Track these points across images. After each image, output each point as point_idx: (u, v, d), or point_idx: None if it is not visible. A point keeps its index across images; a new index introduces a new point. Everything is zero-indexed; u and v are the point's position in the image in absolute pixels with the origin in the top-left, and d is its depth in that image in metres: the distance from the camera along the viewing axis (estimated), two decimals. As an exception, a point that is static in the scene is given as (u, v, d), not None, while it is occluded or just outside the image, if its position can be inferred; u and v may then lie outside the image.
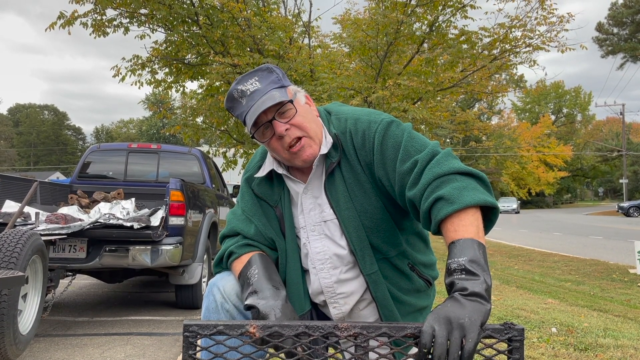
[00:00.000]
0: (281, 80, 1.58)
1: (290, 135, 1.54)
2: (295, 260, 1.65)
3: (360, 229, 1.58)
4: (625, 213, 33.96)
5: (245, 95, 1.55)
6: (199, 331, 1.16)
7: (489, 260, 1.25)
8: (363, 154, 1.57)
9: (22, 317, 3.59)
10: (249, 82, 1.57)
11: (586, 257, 11.17)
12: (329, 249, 1.63)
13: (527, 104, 71.25)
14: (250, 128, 1.55)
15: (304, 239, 1.65)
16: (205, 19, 9.62)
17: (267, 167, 1.67)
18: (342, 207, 1.58)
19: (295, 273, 1.65)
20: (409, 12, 9.50)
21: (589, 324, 4.58)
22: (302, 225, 1.65)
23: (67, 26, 9.27)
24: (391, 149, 1.52)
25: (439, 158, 1.41)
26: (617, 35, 49.09)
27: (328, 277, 1.63)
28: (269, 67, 1.60)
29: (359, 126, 1.59)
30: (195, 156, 6.71)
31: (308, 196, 1.64)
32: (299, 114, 1.55)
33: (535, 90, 67.63)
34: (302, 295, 1.64)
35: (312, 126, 1.58)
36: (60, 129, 78.66)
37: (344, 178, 1.59)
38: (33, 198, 5.20)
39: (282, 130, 1.52)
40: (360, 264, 1.59)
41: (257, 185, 1.70)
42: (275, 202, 1.68)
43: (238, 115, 1.59)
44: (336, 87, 9.33)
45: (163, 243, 4.66)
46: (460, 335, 1.07)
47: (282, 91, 1.55)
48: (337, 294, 1.64)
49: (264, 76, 1.57)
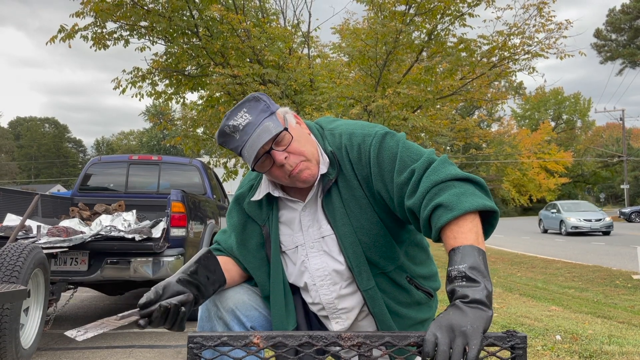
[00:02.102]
0: (269, 107, 1.57)
1: (291, 162, 1.54)
2: (279, 279, 1.65)
3: (357, 244, 1.58)
4: (627, 218, 33.91)
5: (238, 130, 1.54)
6: (204, 342, 1.17)
7: (491, 267, 1.26)
8: (359, 168, 1.57)
9: (24, 331, 3.58)
10: (238, 115, 1.55)
11: (589, 264, 11.15)
12: (327, 265, 1.63)
13: (527, 111, 71.32)
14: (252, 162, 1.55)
15: (303, 256, 1.65)
16: (205, 31, 9.68)
17: (263, 191, 1.67)
18: (339, 223, 1.59)
19: (278, 293, 1.64)
20: (407, 21, 9.55)
21: (593, 331, 4.56)
22: (300, 242, 1.66)
23: (67, 39, 9.34)
24: (387, 160, 1.52)
25: (436, 165, 1.42)
26: (615, 41, 49.25)
27: (329, 294, 1.64)
28: (255, 96, 1.59)
29: (354, 140, 1.59)
30: (196, 167, 6.72)
31: (306, 213, 1.65)
32: (294, 140, 1.55)
33: (534, 97, 67.75)
34: (285, 314, 1.63)
35: (308, 148, 1.58)
36: (61, 141, 78.79)
37: (340, 195, 1.59)
38: (34, 211, 5.20)
39: (281, 159, 1.52)
40: (357, 279, 1.59)
41: (248, 204, 1.71)
42: (263, 221, 1.69)
43: (233, 149, 1.58)
44: (336, 96, 9.36)
45: (165, 255, 4.65)
46: (462, 342, 1.07)
47: (273, 119, 1.54)
48: (338, 309, 1.65)
49: (252, 106, 1.56)
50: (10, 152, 73.13)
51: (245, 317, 1.61)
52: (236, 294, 1.64)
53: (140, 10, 9.31)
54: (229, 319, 1.59)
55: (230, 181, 12.04)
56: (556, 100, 70.24)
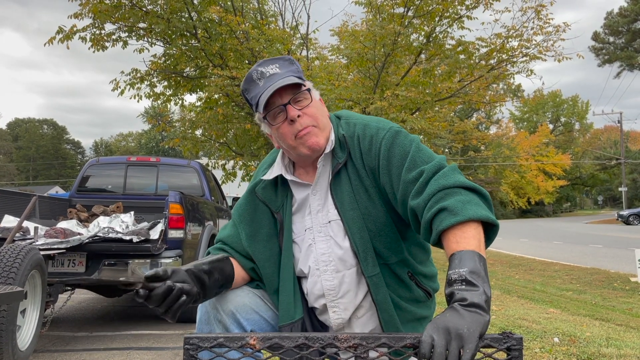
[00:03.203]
0: (301, 73, 1.63)
1: (302, 122, 1.57)
2: (289, 268, 1.66)
3: (364, 230, 1.59)
4: (625, 221, 33.95)
5: (264, 77, 1.58)
6: (200, 344, 1.16)
7: (489, 269, 1.26)
8: (368, 159, 1.59)
9: (20, 333, 3.57)
10: (269, 66, 1.61)
11: (587, 266, 11.15)
12: (332, 251, 1.63)
13: (525, 113, 71.49)
14: (263, 109, 1.57)
15: (310, 240, 1.66)
16: (203, 33, 9.69)
17: (276, 171, 1.69)
18: (347, 207, 1.60)
19: (287, 281, 1.65)
20: (406, 23, 9.57)
21: (591, 333, 4.56)
22: (308, 226, 1.67)
23: (65, 41, 9.34)
24: (398, 156, 1.54)
25: (445, 171, 1.43)
26: (613, 44, 49.42)
27: (330, 280, 1.63)
28: (291, 58, 1.65)
29: (367, 131, 1.62)
30: (195, 169, 6.72)
31: (316, 197, 1.66)
32: (312, 105, 1.60)
33: (532, 100, 67.95)
34: (293, 303, 1.63)
35: (323, 119, 1.62)
36: (59, 143, 78.76)
37: (349, 179, 1.61)
38: (32, 212, 5.19)
39: (294, 114, 1.56)
40: (363, 265, 1.59)
41: (262, 189, 1.72)
42: (277, 207, 1.70)
43: (252, 98, 1.61)
44: (334, 98, 9.37)
45: (162, 256, 4.65)
46: (458, 345, 1.07)
47: (301, 79, 1.60)
48: (338, 297, 1.64)
49: (285, 65, 1.62)
50: (8, 153, 73.10)
51: (245, 320, 1.60)
52: (237, 296, 1.63)
53: (139, 11, 9.32)
54: (229, 322, 1.58)
55: (228, 183, 12.04)
56: (554, 102, 70.45)
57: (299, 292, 1.67)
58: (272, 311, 1.69)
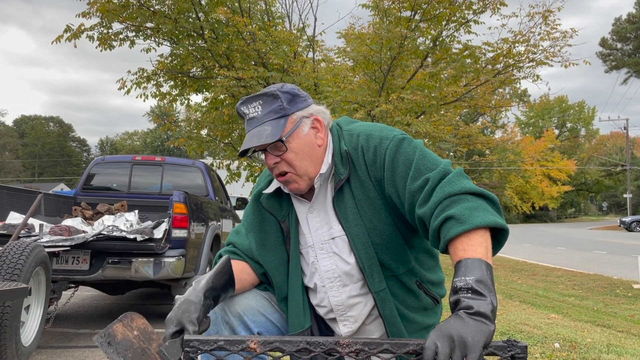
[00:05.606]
0: (284, 109, 1.57)
1: (279, 168, 1.58)
2: (297, 277, 1.65)
3: (369, 246, 1.57)
4: (628, 228, 33.78)
5: (246, 118, 1.60)
6: (200, 346, 1.16)
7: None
8: (374, 170, 1.57)
9: (24, 329, 3.59)
10: (251, 105, 1.59)
11: (590, 272, 11.11)
12: (337, 267, 1.62)
13: (531, 118, 71.19)
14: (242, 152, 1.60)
15: (312, 257, 1.65)
16: (210, 33, 9.71)
17: (275, 184, 1.69)
18: (351, 223, 1.58)
19: (296, 290, 1.65)
20: (412, 27, 9.57)
21: (592, 339, 4.55)
22: (309, 244, 1.65)
23: (73, 39, 9.38)
24: (402, 166, 1.51)
25: (451, 177, 1.40)
26: (621, 50, 49.20)
27: (338, 295, 1.63)
28: (276, 93, 1.59)
29: (370, 142, 1.59)
30: (199, 169, 6.73)
31: (314, 215, 1.65)
32: (290, 152, 1.56)
33: (538, 105, 67.66)
34: (302, 312, 1.63)
35: (302, 164, 1.58)
36: (65, 140, 78.97)
37: (353, 194, 1.59)
38: (37, 210, 5.22)
39: (270, 163, 1.58)
40: (369, 281, 1.58)
41: (266, 199, 1.71)
42: (283, 216, 1.69)
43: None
44: (340, 100, 9.37)
45: (166, 255, 4.66)
46: (461, 354, 1.05)
47: (278, 124, 1.55)
48: (347, 312, 1.64)
49: (267, 102, 1.57)
50: (14, 150, 73.32)
51: (252, 322, 1.60)
52: (244, 299, 1.63)
53: (147, 11, 9.35)
54: (236, 323, 1.58)
55: (233, 183, 12.06)
56: (560, 108, 70.13)
57: (307, 301, 1.67)
58: (279, 313, 1.69)
